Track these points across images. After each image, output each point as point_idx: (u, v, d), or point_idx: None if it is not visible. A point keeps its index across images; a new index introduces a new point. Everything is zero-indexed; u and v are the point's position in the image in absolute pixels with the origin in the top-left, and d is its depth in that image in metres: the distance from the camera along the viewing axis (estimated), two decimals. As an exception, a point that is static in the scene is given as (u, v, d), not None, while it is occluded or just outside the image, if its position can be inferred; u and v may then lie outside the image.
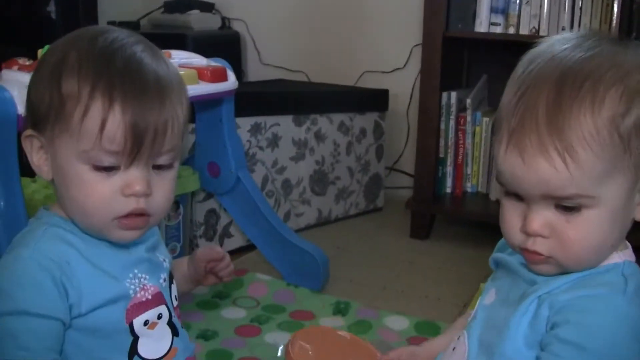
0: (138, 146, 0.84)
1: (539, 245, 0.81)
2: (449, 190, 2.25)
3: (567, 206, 0.78)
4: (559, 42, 0.81)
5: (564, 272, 0.82)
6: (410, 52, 2.53)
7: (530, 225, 0.80)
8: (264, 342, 1.52)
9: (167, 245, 1.75)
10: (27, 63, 1.42)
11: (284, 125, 2.13)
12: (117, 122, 0.83)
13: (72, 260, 0.88)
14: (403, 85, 2.56)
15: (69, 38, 0.90)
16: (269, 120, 2.08)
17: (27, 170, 1.59)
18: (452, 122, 2.19)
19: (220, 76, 1.63)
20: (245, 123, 2.01)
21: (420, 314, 1.66)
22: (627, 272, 0.81)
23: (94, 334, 0.90)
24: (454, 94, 2.17)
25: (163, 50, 1.65)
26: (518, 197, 0.81)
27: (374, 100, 2.42)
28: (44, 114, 0.86)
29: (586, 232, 0.79)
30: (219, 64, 1.68)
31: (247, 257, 1.98)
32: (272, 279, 1.80)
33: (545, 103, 0.76)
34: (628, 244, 0.86)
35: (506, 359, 0.84)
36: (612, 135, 0.75)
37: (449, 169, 2.23)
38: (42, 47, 1.52)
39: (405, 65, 2.58)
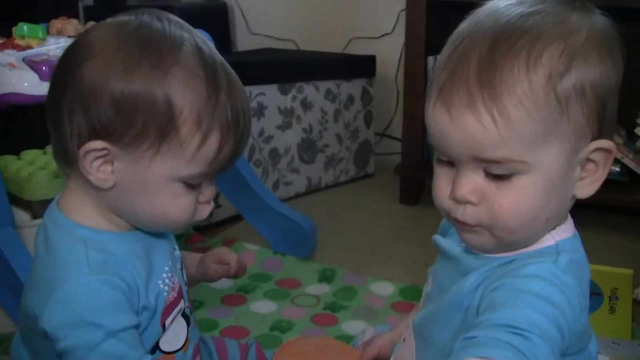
0: (228, 168, 0.88)
1: (468, 215, 0.75)
2: (434, 162, 2.24)
3: (497, 174, 0.73)
4: (496, 9, 0.75)
5: (500, 245, 0.77)
6: (398, 16, 2.52)
7: (458, 190, 0.74)
8: (249, 310, 1.54)
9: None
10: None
11: (269, 94, 2.13)
12: (229, 152, 0.85)
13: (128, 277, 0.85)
14: (391, 51, 2.55)
15: (137, 37, 0.82)
16: (253, 89, 2.08)
17: (11, 147, 1.61)
18: (438, 87, 2.17)
19: (199, 47, 1.62)
20: (230, 93, 2.01)
21: (407, 279, 1.67)
22: (561, 248, 0.77)
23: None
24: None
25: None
26: (450, 163, 0.76)
27: (361, 67, 2.41)
28: (138, 130, 0.80)
29: (518, 200, 0.73)
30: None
31: (237, 227, 1.99)
32: (260, 248, 1.81)
33: (478, 56, 0.71)
34: (568, 215, 0.81)
35: (439, 351, 0.82)
36: (548, 95, 0.70)
37: (437, 133, 2.23)
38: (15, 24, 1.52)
39: (393, 30, 2.57)
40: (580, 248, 0.80)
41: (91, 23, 1.50)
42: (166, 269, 0.92)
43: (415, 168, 2.20)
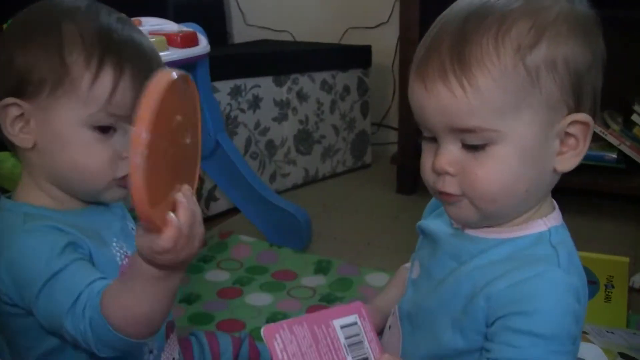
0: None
1: (448, 185, 0.77)
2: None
3: (472, 145, 0.75)
4: None
5: (484, 218, 0.79)
6: (393, 5, 2.51)
7: (437, 162, 0.77)
8: (244, 303, 1.54)
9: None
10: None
11: (265, 86, 2.13)
12: (127, 89, 0.87)
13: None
14: (388, 40, 2.54)
15: (43, 10, 0.92)
16: (248, 82, 2.08)
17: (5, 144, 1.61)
18: (434, 76, 2.17)
19: (191, 41, 1.62)
20: (224, 86, 2.01)
21: (403, 269, 1.67)
22: (555, 241, 0.79)
23: None
24: (434, 47, 2.14)
25: (133, 18, 1.66)
26: (433, 138, 0.79)
27: (357, 57, 2.41)
28: (37, 80, 0.87)
29: (493, 169, 0.75)
30: (191, 29, 1.67)
31: (233, 220, 1.99)
32: (256, 241, 1.82)
33: (451, 32, 0.74)
34: (555, 205, 0.83)
35: (432, 337, 0.83)
36: (517, 66, 0.73)
37: (434, 122, 2.22)
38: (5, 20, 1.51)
39: (389, 20, 2.56)
40: (569, 237, 0.82)
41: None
42: (114, 239, 0.94)
43: (412, 157, 2.19)
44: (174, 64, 1.62)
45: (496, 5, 0.75)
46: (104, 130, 0.88)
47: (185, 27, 1.68)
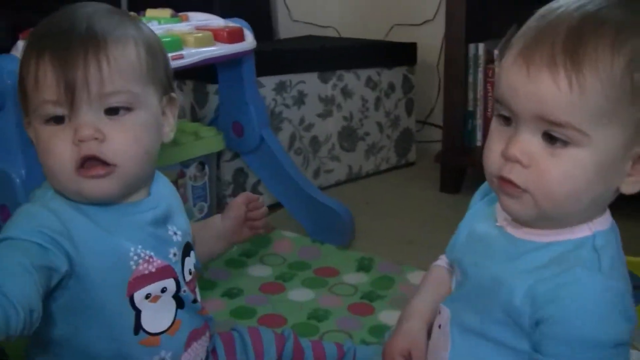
0: (72, 89, 0.86)
1: (515, 174, 0.77)
2: (479, 143, 2.22)
3: (554, 137, 0.75)
4: None
5: (540, 217, 0.79)
6: (439, 3, 2.49)
7: (511, 147, 0.77)
8: (286, 298, 1.54)
9: (194, 205, 1.78)
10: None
11: (310, 82, 2.13)
12: (47, 70, 0.86)
13: (76, 219, 0.89)
14: (433, 37, 2.53)
15: None
16: (294, 78, 2.08)
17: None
18: (480, 74, 2.16)
19: (237, 36, 1.64)
20: (269, 82, 2.02)
21: (446, 268, 1.66)
22: (599, 245, 0.79)
23: (98, 310, 0.91)
24: (481, 45, 2.13)
25: (181, 13, 1.68)
26: (508, 120, 0.79)
27: (402, 54, 2.40)
28: (21, 94, 0.92)
29: (568, 170, 0.75)
30: (237, 25, 1.68)
31: (276, 215, 1.99)
32: (298, 236, 1.82)
33: (567, 28, 0.74)
34: (606, 209, 0.83)
35: (474, 335, 0.84)
36: (624, 79, 0.73)
37: (479, 121, 2.21)
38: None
39: (434, 17, 2.55)
40: (615, 241, 0.82)
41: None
42: (140, 246, 0.93)
43: (456, 156, 2.19)
44: (220, 60, 1.63)
45: (613, 14, 0.75)
46: (57, 121, 0.88)
47: (232, 23, 1.70)
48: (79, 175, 0.88)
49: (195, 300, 1.01)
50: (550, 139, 0.75)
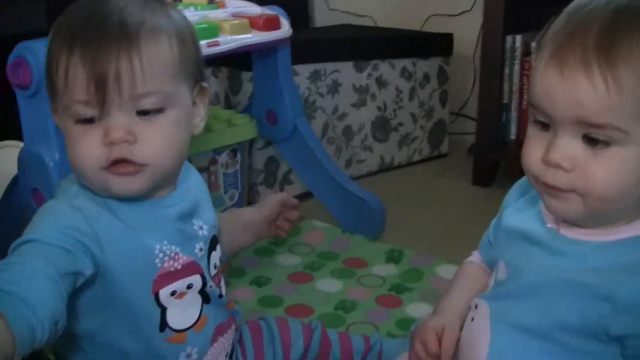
0: (103, 91, 0.83)
1: (559, 180, 0.76)
2: (513, 136, 2.20)
3: (595, 138, 0.74)
4: None
5: (589, 216, 0.78)
6: (478, -7, 2.47)
7: (552, 153, 0.76)
8: (314, 289, 1.55)
9: (225, 192, 1.79)
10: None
11: (344, 71, 2.12)
12: (78, 70, 0.84)
13: (103, 218, 0.88)
14: (470, 29, 2.50)
15: None
16: (328, 66, 2.08)
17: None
18: (516, 67, 2.13)
19: (273, 24, 1.63)
20: (304, 70, 2.01)
21: (476, 262, 1.65)
22: None
23: (123, 308, 0.91)
24: (518, 37, 2.10)
25: (217, 0, 1.67)
26: (545, 126, 0.77)
27: (438, 45, 2.38)
28: (48, 82, 0.89)
29: (613, 169, 0.74)
30: (273, 12, 1.68)
31: (307, 204, 1.99)
32: (329, 226, 1.82)
33: (599, 25, 0.73)
34: None
35: (532, 335, 0.82)
36: None
37: (514, 114, 2.18)
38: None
39: (472, 8, 2.52)
40: None
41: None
42: (165, 241, 0.92)
43: (490, 149, 2.16)
44: (256, 47, 1.63)
45: None
46: (87, 121, 0.86)
47: (268, 10, 1.69)
48: (108, 172, 0.87)
49: (221, 295, 1.01)
50: (590, 141, 0.74)
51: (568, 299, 0.79)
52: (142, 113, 0.87)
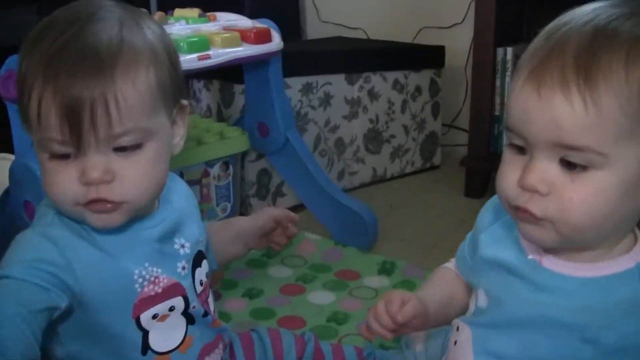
0: (78, 133, 0.80)
1: (534, 204, 0.73)
2: (505, 148, 2.20)
3: (573, 162, 0.71)
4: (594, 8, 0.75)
5: (563, 243, 0.76)
6: (469, 6, 2.48)
7: (528, 177, 0.73)
8: (306, 301, 1.54)
9: (217, 205, 1.79)
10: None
11: (336, 84, 2.13)
12: (51, 107, 0.80)
13: (78, 248, 0.86)
14: (462, 41, 2.51)
15: None
16: (320, 79, 2.08)
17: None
18: (507, 79, 2.14)
19: (264, 37, 1.63)
20: (295, 83, 2.01)
21: (468, 273, 1.65)
22: None
23: (104, 332, 0.89)
24: (510, 50, 2.11)
25: (209, 13, 1.68)
26: (521, 150, 0.75)
27: (430, 57, 2.38)
28: (20, 109, 0.85)
29: (591, 195, 0.71)
30: (264, 25, 1.68)
31: (299, 216, 1.99)
32: (321, 238, 1.82)
33: (577, 44, 0.70)
34: (638, 235, 0.79)
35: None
36: None
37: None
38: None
39: (463, 20, 2.53)
40: None
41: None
42: (146, 263, 0.90)
43: (482, 160, 2.17)
44: (247, 60, 1.64)
45: (624, 26, 0.71)
46: (62, 157, 0.83)
47: (260, 24, 1.70)
48: (85, 208, 0.84)
49: (206, 314, 0.99)
50: (568, 164, 0.72)
51: (552, 337, 0.78)
52: (120, 149, 0.84)
